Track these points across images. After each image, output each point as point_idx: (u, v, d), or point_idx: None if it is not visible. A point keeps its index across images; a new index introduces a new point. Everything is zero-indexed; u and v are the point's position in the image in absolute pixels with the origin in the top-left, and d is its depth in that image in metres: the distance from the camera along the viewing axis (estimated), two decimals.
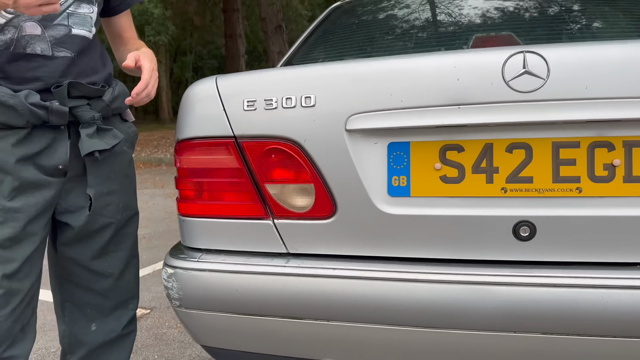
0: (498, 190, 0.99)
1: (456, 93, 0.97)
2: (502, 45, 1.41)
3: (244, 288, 1.09)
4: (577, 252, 0.97)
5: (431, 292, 0.99)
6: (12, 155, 1.03)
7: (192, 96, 1.15)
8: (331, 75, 1.06)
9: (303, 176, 1.06)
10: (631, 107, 0.91)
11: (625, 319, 0.91)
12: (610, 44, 0.96)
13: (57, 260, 1.23)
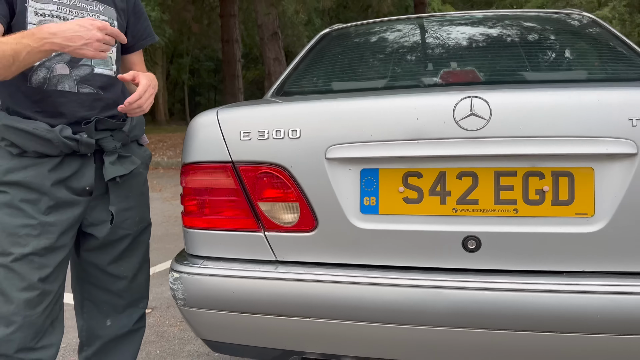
0: (450, 210, 1.19)
1: (416, 130, 1.18)
2: (465, 79, 1.62)
3: (239, 290, 1.29)
4: (514, 262, 1.17)
5: (395, 294, 1.19)
6: (48, 179, 1.23)
7: (196, 126, 1.35)
8: (314, 112, 1.26)
9: (290, 196, 1.27)
10: (557, 144, 1.12)
11: (551, 317, 1.12)
12: (540, 91, 1.17)
13: (79, 264, 1.43)
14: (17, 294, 1.21)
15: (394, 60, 1.90)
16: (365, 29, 2.21)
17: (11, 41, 1.10)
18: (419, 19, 2.22)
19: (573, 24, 2.02)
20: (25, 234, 1.21)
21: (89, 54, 1.12)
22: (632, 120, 1.10)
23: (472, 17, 2.15)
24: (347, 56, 2.03)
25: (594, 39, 1.90)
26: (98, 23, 1.13)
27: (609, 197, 1.13)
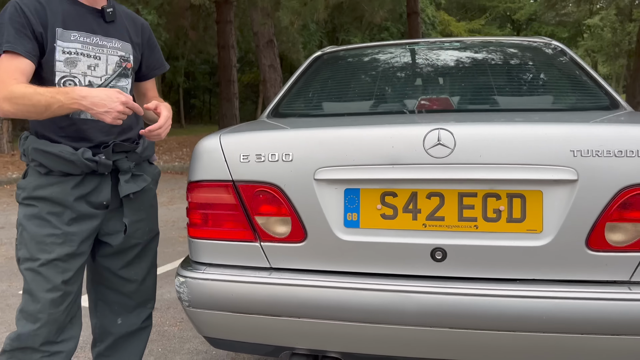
0: (420, 225, 1.38)
1: (392, 156, 1.37)
2: (439, 106, 1.82)
3: (237, 293, 1.47)
4: (475, 270, 1.37)
5: (373, 297, 1.38)
6: (71, 195, 1.41)
7: (201, 149, 1.53)
8: (304, 139, 1.45)
9: (283, 211, 1.46)
10: (511, 170, 1.32)
11: (506, 318, 1.31)
12: (496, 125, 1.36)
13: (94, 268, 1.61)
14: (43, 295, 1.39)
15: (378, 86, 2.10)
16: (353, 53, 2.41)
17: (47, 94, 1.28)
18: (402, 45, 2.42)
19: (542, 53, 2.23)
20: (51, 242, 1.39)
21: (107, 120, 1.30)
22: (574, 152, 1.30)
23: (451, 45, 2.35)
24: (335, 81, 2.22)
25: (559, 68, 2.11)
26: (123, 98, 1.31)
27: (555, 216, 1.32)
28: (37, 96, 1.28)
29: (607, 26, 28.86)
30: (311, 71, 2.30)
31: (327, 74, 2.28)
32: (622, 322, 1.28)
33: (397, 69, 2.23)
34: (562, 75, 2.06)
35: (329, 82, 2.22)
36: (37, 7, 1.39)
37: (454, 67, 2.15)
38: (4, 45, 1.34)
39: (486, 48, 2.28)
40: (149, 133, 1.42)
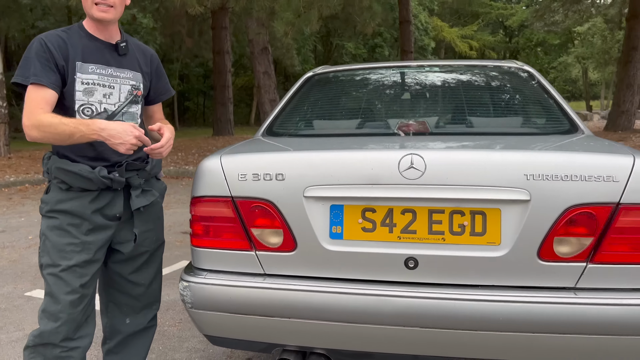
0: (395, 237, 1.59)
1: (371, 177, 1.57)
2: (417, 129, 2.03)
3: (234, 296, 1.66)
4: (442, 277, 1.57)
5: (354, 300, 1.58)
6: (89, 208, 1.59)
7: (204, 168, 1.73)
8: (295, 161, 1.65)
9: (276, 224, 1.65)
10: (473, 191, 1.52)
11: (469, 318, 1.51)
12: (461, 151, 1.57)
13: (106, 273, 1.79)
14: (63, 297, 1.57)
15: (363, 107, 2.31)
16: (341, 75, 2.61)
17: (70, 124, 1.48)
18: (387, 68, 2.63)
19: (513, 77, 2.44)
20: (71, 250, 1.58)
21: (121, 150, 1.50)
22: (527, 175, 1.50)
23: (431, 69, 2.56)
24: (324, 101, 2.43)
25: (527, 93, 2.32)
26: (136, 132, 1.51)
27: (511, 231, 1.53)
28: (62, 126, 1.47)
29: (597, 34, 29.35)
30: (303, 92, 2.50)
31: (317, 95, 2.48)
32: (568, 322, 1.48)
33: (382, 91, 2.44)
34: (529, 100, 2.28)
35: (318, 103, 2.42)
36: (60, 43, 1.58)
37: (432, 90, 2.36)
38: (31, 78, 1.53)
39: (462, 72, 2.49)
40: (152, 151, 1.61)
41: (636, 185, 1.48)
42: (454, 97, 2.29)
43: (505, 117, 2.18)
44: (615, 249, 1.50)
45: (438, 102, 2.29)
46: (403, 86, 2.46)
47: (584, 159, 1.52)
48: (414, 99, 2.33)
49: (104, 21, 1.62)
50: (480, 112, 2.20)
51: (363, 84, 2.54)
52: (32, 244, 4.65)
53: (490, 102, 2.27)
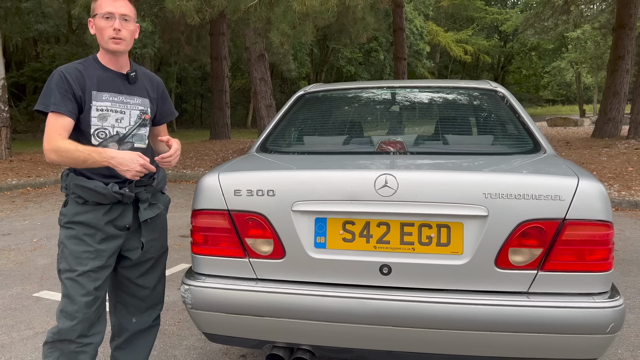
0: (372, 247, 1.81)
1: (351, 194, 1.79)
2: (395, 148, 2.25)
3: (230, 298, 1.88)
4: (412, 282, 1.79)
5: (335, 302, 1.79)
6: (102, 220, 1.81)
7: (204, 184, 1.94)
8: (285, 179, 1.87)
9: (267, 234, 1.87)
10: (439, 207, 1.74)
11: (435, 318, 1.73)
12: (429, 172, 1.79)
13: (115, 277, 2.01)
14: (79, 298, 1.78)
15: (348, 127, 2.53)
16: (329, 94, 2.83)
17: (85, 152, 1.71)
18: (374, 88, 2.85)
19: (485, 99, 2.67)
20: (86, 257, 1.79)
21: (128, 176, 1.73)
22: (485, 194, 1.73)
23: (411, 90, 2.78)
24: (313, 120, 2.65)
25: (497, 114, 2.55)
26: (142, 161, 1.73)
27: (472, 242, 1.75)
28: (77, 152, 1.70)
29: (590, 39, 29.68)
30: (294, 110, 2.72)
31: (306, 114, 2.70)
32: (521, 322, 1.71)
33: (365, 110, 2.66)
34: (498, 121, 2.51)
35: (307, 122, 2.65)
36: (77, 75, 1.80)
37: (411, 111, 2.59)
38: (51, 107, 1.74)
39: (440, 93, 2.72)
40: (161, 160, 1.83)
41: (579, 204, 1.71)
42: (429, 117, 2.52)
43: (475, 137, 2.41)
44: (562, 259, 1.73)
45: (415, 122, 2.52)
46: (385, 106, 2.69)
47: (535, 180, 1.74)
48: (394, 118, 2.55)
49: (117, 52, 1.84)
50: (453, 132, 2.42)
51: (349, 104, 2.77)
52: (37, 247, 4.86)
53: (462, 122, 2.50)
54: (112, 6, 1.80)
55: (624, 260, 4.28)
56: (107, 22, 1.80)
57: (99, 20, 1.81)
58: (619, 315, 1.71)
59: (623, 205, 6.36)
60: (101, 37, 1.83)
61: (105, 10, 1.79)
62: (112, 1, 1.80)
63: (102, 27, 1.80)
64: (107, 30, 1.80)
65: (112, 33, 1.80)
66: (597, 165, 8.53)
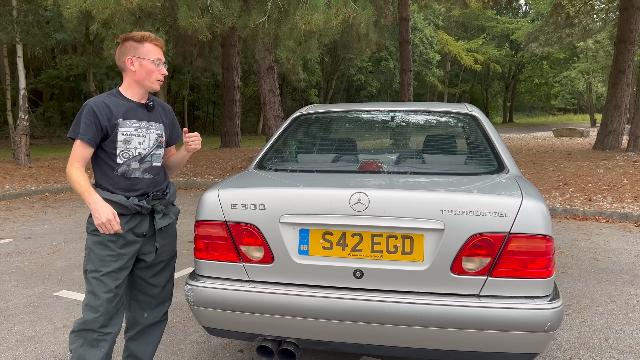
0: (347, 254, 2.12)
1: (329, 208, 2.11)
2: (374, 168, 2.56)
3: (226, 296, 2.20)
4: (381, 285, 2.10)
5: (315, 301, 2.10)
6: (124, 228, 2.14)
7: (206, 199, 2.27)
8: (274, 195, 2.20)
9: (258, 243, 2.19)
10: (404, 221, 2.05)
11: (400, 316, 2.03)
12: (395, 190, 2.10)
13: (130, 277, 2.34)
14: (102, 295, 2.12)
15: (335, 147, 2.85)
16: (321, 116, 3.16)
17: (81, 189, 2.05)
18: (362, 111, 3.17)
19: (459, 122, 2.98)
20: (109, 260, 2.13)
21: (95, 223, 2.05)
22: (442, 210, 2.04)
23: (395, 114, 3.10)
24: (306, 140, 2.98)
25: (467, 137, 2.85)
26: (111, 217, 2.03)
27: (431, 251, 2.06)
28: (77, 185, 2.06)
29: (601, 49, 29.76)
30: (289, 131, 3.05)
31: (299, 135, 3.03)
32: (473, 320, 2.00)
33: (350, 132, 2.98)
34: (468, 143, 2.81)
35: (300, 142, 2.98)
36: (104, 107, 2.14)
37: (391, 133, 2.91)
38: (79, 135, 2.09)
39: (420, 116, 3.03)
40: (188, 139, 2.25)
41: (522, 220, 2.01)
42: (408, 139, 2.83)
43: (446, 157, 2.72)
44: (508, 267, 2.03)
45: (396, 144, 2.83)
46: (371, 128, 3.01)
47: (485, 199, 2.05)
48: (377, 139, 2.87)
49: (156, 90, 2.22)
50: (427, 153, 2.74)
51: (338, 125, 3.09)
52: (56, 250, 5.23)
53: (436, 145, 2.81)
54: (160, 54, 2.21)
55: (604, 270, 4.53)
56: (156, 67, 2.19)
57: (149, 63, 2.17)
58: (557, 316, 2.00)
59: (614, 217, 6.59)
60: (148, 78, 2.19)
61: (156, 57, 2.18)
62: (159, 50, 2.22)
63: (152, 70, 2.18)
64: (156, 74, 2.20)
65: (160, 77, 2.21)
66: (593, 178, 8.75)
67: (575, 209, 6.87)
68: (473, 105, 3.23)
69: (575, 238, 5.72)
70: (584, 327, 3.29)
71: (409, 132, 2.93)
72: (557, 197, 7.59)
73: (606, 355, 2.88)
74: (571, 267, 4.61)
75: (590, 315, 3.48)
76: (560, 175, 9.29)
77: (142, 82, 2.20)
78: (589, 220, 6.65)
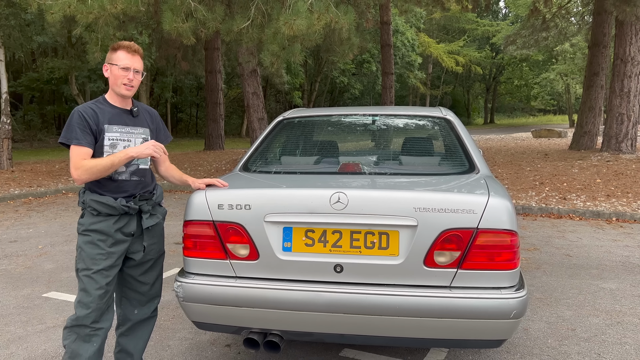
0: (328, 250, 2.26)
1: (311, 207, 2.25)
2: (353, 169, 2.71)
3: (213, 292, 2.32)
4: (360, 278, 2.24)
5: (299, 294, 2.24)
6: (112, 228, 2.26)
7: (194, 200, 2.40)
8: (259, 195, 2.33)
9: (244, 241, 2.32)
10: (380, 218, 2.20)
11: (377, 306, 2.17)
12: (372, 190, 2.25)
13: (121, 275, 2.45)
14: (94, 291, 2.23)
15: (317, 149, 3.00)
16: (304, 120, 3.30)
17: (107, 159, 2.17)
18: (342, 115, 3.32)
19: (433, 125, 3.15)
20: (99, 258, 2.24)
21: (149, 152, 2.22)
22: (415, 208, 2.19)
23: (373, 118, 3.26)
24: (289, 143, 3.12)
25: (441, 139, 3.02)
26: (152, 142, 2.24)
27: (405, 246, 2.21)
28: (102, 161, 2.16)
29: (579, 51, 30.44)
30: (272, 135, 3.19)
31: (282, 139, 3.17)
32: (445, 310, 2.16)
33: (332, 135, 3.13)
34: (441, 145, 2.98)
35: (283, 145, 3.11)
36: (92, 113, 2.25)
37: (370, 136, 3.06)
38: (73, 141, 2.19)
39: (398, 120, 3.19)
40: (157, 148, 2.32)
41: (488, 216, 2.17)
42: (384, 142, 2.99)
43: (421, 158, 2.88)
44: (476, 260, 2.19)
45: (375, 146, 2.99)
46: (351, 131, 3.16)
47: (454, 197, 2.21)
48: (356, 142, 3.02)
49: (126, 96, 2.31)
50: (403, 155, 2.90)
51: (320, 129, 3.24)
52: (42, 253, 5.28)
53: (412, 147, 2.98)
54: (130, 61, 2.27)
55: (575, 265, 4.75)
56: (123, 72, 2.27)
57: (116, 69, 2.27)
58: (521, 305, 2.17)
59: (587, 215, 6.85)
60: (115, 83, 2.28)
61: (124, 64, 2.26)
62: (130, 57, 2.28)
63: (118, 75, 2.26)
64: (122, 79, 2.27)
65: (127, 81, 2.27)
66: (568, 177, 9.04)
67: (550, 208, 7.11)
68: (448, 109, 3.40)
69: (549, 235, 5.95)
70: (553, 318, 3.48)
71: (386, 135, 3.09)
72: (534, 196, 7.84)
73: (573, 344, 3.07)
74: (544, 263, 4.82)
75: (559, 308, 3.67)
76: (537, 175, 9.57)
77: (113, 87, 2.31)
78: (563, 218, 6.89)
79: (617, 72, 10.71)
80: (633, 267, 4.67)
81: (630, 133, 10.82)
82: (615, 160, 10.28)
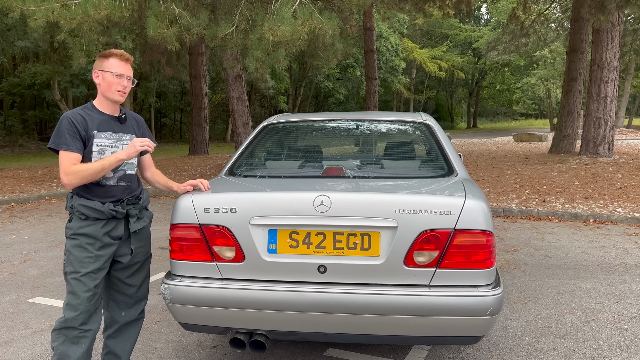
0: (312, 251, 2.33)
1: (295, 210, 2.32)
2: (336, 173, 2.80)
3: (200, 293, 2.38)
4: (343, 278, 2.32)
5: (283, 295, 2.31)
6: (100, 232, 2.30)
7: (180, 203, 2.45)
8: (244, 199, 2.39)
9: (230, 243, 2.38)
10: (362, 220, 2.28)
11: (359, 305, 2.25)
12: (353, 193, 2.33)
13: (108, 278, 2.49)
14: (82, 294, 2.27)
15: (301, 154, 3.08)
16: (289, 125, 3.38)
17: (96, 163, 2.21)
18: (326, 120, 3.40)
19: (414, 129, 3.25)
20: (87, 261, 2.28)
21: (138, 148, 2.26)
22: (395, 210, 2.28)
23: (355, 123, 3.35)
24: (273, 148, 3.19)
25: (422, 143, 3.12)
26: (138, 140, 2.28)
27: (386, 247, 2.29)
28: (92, 166, 2.20)
29: (558, 57, 31.05)
30: (257, 139, 3.26)
31: (267, 143, 3.24)
32: (424, 308, 2.24)
33: (316, 139, 3.21)
34: (421, 149, 3.08)
35: (268, 150, 3.19)
36: (81, 119, 2.30)
37: (353, 140, 3.15)
38: (62, 146, 2.24)
39: (379, 125, 3.29)
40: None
41: (465, 217, 2.27)
42: (366, 146, 3.08)
43: (402, 162, 2.98)
44: (454, 259, 2.28)
45: (358, 150, 3.08)
46: (334, 136, 3.24)
47: (432, 199, 2.30)
48: (339, 146, 3.11)
49: (118, 102, 2.37)
50: (385, 158, 2.99)
51: (304, 134, 3.32)
52: (27, 259, 5.26)
53: (393, 151, 3.07)
54: (123, 69, 2.34)
55: (553, 265, 4.89)
56: (117, 79, 2.33)
57: (110, 76, 2.32)
58: (497, 302, 2.27)
59: (565, 217, 7.03)
60: (108, 89, 2.34)
61: (117, 72, 2.32)
62: (123, 64, 2.35)
63: (112, 82, 2.33)
64: (116, 86, 2.33)
65: (121, 88, 2.34)
66: (547, 180, 9.25)
67: (530, 210, 7.28)
68: (428, 115, 3.50)
69: (529, 237, 6.10)
70: (531, 316, 3.59)
71: (368, 140, 3.18)
72: (514, 199, 8.01)
73: (549, 341, 3.18)
74: (524, 264, 4.95)
75: (537, 306, 3.79)
76: (518, 178, 9.77)
77: (105, 93, 2.36)
78: (543, 220, 7.06)
79: (594, 78, 10.99)
80: (608, 267, 4.82)
81: (608, 137, 11.09)
82: (593, 164, 10.53)
